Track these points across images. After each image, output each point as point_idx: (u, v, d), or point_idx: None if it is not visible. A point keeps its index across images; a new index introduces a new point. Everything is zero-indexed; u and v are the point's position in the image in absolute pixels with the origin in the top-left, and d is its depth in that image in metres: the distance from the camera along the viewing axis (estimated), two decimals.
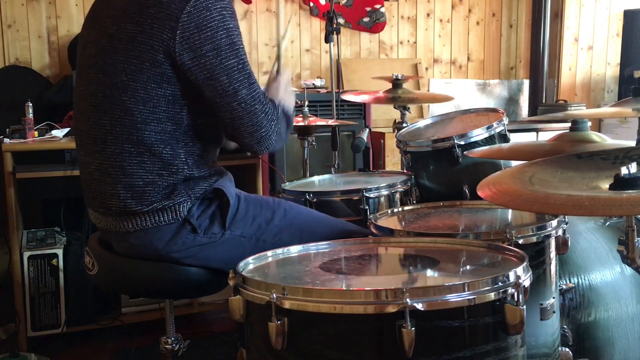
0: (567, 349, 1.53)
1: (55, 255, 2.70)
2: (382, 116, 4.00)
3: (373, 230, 1.51)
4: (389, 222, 1.63)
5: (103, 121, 1.52)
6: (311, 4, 4.17)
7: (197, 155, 1.56)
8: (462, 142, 2.05)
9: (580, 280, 1.69)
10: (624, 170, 1.18)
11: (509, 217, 1.65)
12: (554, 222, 1.44)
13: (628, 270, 1.74)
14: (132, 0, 1.50)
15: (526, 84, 4.79)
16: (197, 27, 1.45)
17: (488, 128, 2.08)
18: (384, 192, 2.03)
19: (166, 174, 1.52)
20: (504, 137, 2.11)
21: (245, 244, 1.58)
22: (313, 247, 1.40)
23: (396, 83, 2.60)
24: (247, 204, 1.63)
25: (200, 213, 1.55)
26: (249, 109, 1.51)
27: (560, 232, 1.46)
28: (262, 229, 1.61)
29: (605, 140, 1.83)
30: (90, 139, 1.56)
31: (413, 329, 0.97)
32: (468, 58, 4.73)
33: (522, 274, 1.09)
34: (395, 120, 2.59)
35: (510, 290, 1.05)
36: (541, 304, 1.40)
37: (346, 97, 2.74)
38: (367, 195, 1.96)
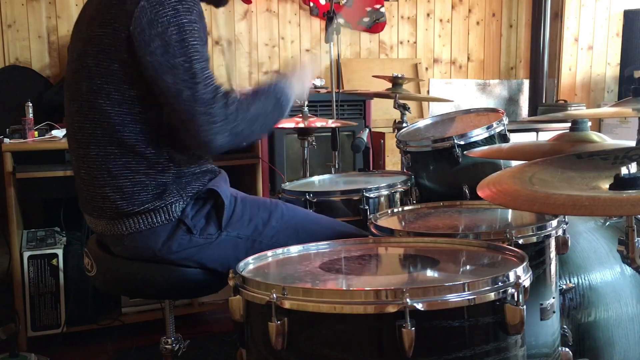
0: (567, 349, 1.53)
1: (55, 255, 2.70)
2: (382, 116, 4.00)
3: (373, 230, 1.51)
4: (389, 222, 1.63)
5: (85, 125, 1.52)
6: (311, 4, 4.17)
7: (181, 153, 1.54)
8: (462, 142, 2.05)
9: (580, 280, 1.69)
10: (624, 170, 1.18)
11: (509, 217, 1.65)
12: (554, 222, 1.44)
13: (628, 270, 1.74)
14: (101, 3, 1.50)
15: (526, 84, 4.79)
16: (148, 23, 1.41)
17: (488, 128, 2.08)
18: (384, 192, 2.02)
19: (153, 173, 1.51)
20: (504, 137, 2.11)
21: (241, 245, 1.58)
22: (313, 247, 1.40)
23: (396, 82, 2.61)
24: (244, 205, 1.62)
25: (195, 213, 1.55)
26: (190, 111, 1.41)
27: (560, 232, 1.46)
28: (258, 230, 1.60)
29: (605, 140, 1.83)
30: (77, 143, 1.57)
31: (413, 329, 0.97)
32: (468, 58, 4.73)
33: (522, 274, 1.09)
34: (395, 120, 2.59)
35: (510, 290, 1.05)
36: (541, 304, 1.40)
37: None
38: (367, 195, 1.96)
